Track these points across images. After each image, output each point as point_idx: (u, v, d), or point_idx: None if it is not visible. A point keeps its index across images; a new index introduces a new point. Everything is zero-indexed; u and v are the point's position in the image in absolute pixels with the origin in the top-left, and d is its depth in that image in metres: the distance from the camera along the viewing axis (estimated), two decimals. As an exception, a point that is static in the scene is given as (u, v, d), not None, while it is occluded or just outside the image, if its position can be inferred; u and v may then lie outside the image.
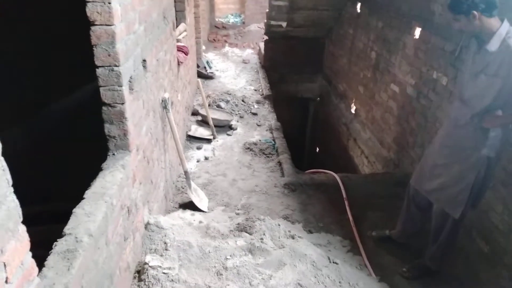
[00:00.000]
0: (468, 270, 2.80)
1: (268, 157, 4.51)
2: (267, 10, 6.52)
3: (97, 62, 1.83)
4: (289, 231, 2.71)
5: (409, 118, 4.00)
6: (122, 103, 1.93)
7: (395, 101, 4.35)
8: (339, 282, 2.33)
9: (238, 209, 3.36)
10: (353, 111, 5.81)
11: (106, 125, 1.98)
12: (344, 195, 3.65)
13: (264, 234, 2.53)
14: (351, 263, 2.78)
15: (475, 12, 2.04)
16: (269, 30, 6.99)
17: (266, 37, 7.36)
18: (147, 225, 2.38)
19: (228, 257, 2.28)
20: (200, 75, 6.75)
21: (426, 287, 2.66)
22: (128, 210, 2.01)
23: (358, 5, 5.49)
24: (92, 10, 1.72)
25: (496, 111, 2.18)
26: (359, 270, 2.71)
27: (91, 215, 1.61)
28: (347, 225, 3.29)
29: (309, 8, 6.15)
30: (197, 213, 3.04)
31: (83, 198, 1.72)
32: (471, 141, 2.27)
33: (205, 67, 7.05)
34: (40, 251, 1.48)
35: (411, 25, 3.95)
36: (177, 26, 4.37)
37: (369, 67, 5.13)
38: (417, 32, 3.82)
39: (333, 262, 2.51)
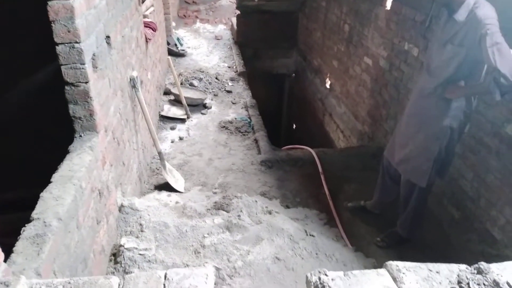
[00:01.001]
0: (440, 237, 2.91)
1: (244, 135, 4.48)
2: (238, -17, 6.34)
3: (56, 39, 1.73)
4: (266, 207, 2.73)
5: (382, 91, 4.03)
6: (86, 82, 1.83)
7: (368, 74, 4.37)
8: (316, 254, 2.37)
9: (215, 188, 3.34)
10: (328, 86, 5.82)
11: (71, 106, 1.89)
12: (320, 170, 3.69)
13: (241, 211, 2.53)
14: (328, 235, 2.83)
15: None
16: (241, 4, 6.82)
17: (238, 12, 7.18)
18: (121, 208, 2.33)
19: (206, 235, 2.27)
20: (171, 52, 6.55)
21: (400, 254, 2.74)
22: (100, 193, 1.95)
23: (330, -23, 5.41)
24: (46, -18, 1.61)
25: (459, 82, 2.21)
26: (335, 242, 2.77)
27: (59, 199, 1.56)
28: (324, 198, 3.34)
29: (281, -20, 6.01)
30: (173, 194, 3.00)
31: (50, 182, 1.66)
32: (435, 111, 2.30)
33: (175, 45, 6.84)
34: (11, 240, 1.43)
35: (383, -4, 3.93)
36: (143, 1, 4.18)
37: (343, 40, 5.10)
38: (389, 2, 3.80)
39: (310, 235, 2.55)
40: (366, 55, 4.40)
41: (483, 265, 1.01)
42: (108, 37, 2.23)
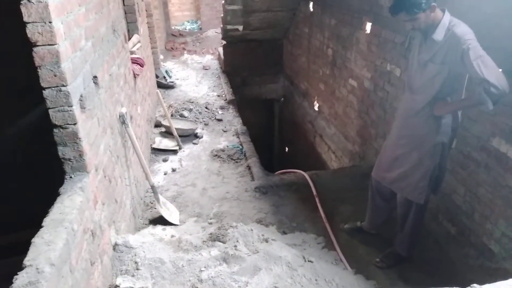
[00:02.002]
0: (438, 253, 2.90)
1: (236, 162, 4.49)
2: (222, 15, 6.51)
3: (43, 84, 1.75)
4: (263, 235, 2.71)
5: (369, 111, 4.10)
6: (74, 124, 1.84)
7: (354, 95, 4.45)
8: (315, 280, 2.34)
9: (211, 218, 3.32)
10: (316, 108, 5.90)
11: (60, 148, 1.89)
12: (315, 192, 3.69)
13: (237, 241, 2.51)
14: (327, 259, 2.81)
15: (434, 4, 2.11)
16: (226, 34, 6.98)
17: (224, 42, 7.34)
18: (115, 246, 2.30)
19: (203, 268, 2.24)
20: (160, 85, 6.63)
21: (400, 274, 2.72)
22: (92, 234, 1.93)
23: (311, 4, 5.59)
24: (32, 31, 1.64)
25: (445, 98, 2.27)
26: (334, 265, 2.74)
27: (51, 244, 1.54)
28: (320, 221, 3.33)
29: (263, 10, 6.19)
30: (168, 227, 2.97)
31: (41, 227, 1.64)
32: (425, 129, 2.35)
33: (164, 77, 6.94)
34: (4, 286, 1.40)
35: (362, 20, 4.06)
36: (129, 38, 4.27)
37: (327, 64, 5.22)
38: (368, 26, 3.92)
39: (308, 261, 2.52)
40: (350, 77, 4.50)
41: (475, 287, 1.01)
42: (95, 77, 2.26)
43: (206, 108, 6.02)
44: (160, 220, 3.17)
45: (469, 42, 2.04)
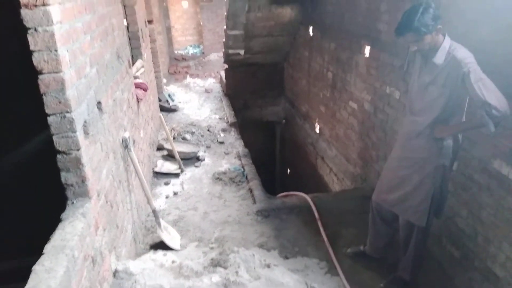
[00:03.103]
0: (443, 277, 2.85)
1: (238, 185, 4.48)
2: (224, 40, 6.64)
3: (47, 110, 1.78)
4: (265, 260, 2.68)
5: (369, 133, 4.12)
6: (78, 149, 1.87)
7: (355, 117, 4.49)
8: (319, 307, 2.30)
9: (212, 243, 3.29)
10: (317, 130, 5.93)
11: (63, 174, 1.91)
12: (317, 216, 3.67)
13: (239, 267, 2.48)
14: (330, 285, 2.76)
15: (440, 27, 2.15)
16: (228, 58, 7.10)
17: (226, 66, 7.46)
18: (115, 273, 2.28)
19: (204, 295, 2.21)
20: (163, 108, 6.71)
21: (405, 300, 2.67)
22: (93, 260, 1.92)
23: (311, 29, 5.70)
24: (38, 59, 1.69)
25: (445, 121, 2.29)
26: (338, 291, 2.70)
27: (51, 271, 1.53)
28: (323, 245, 3.29)
29: (264, 35, 6.32)
30: (169, 252, 2.94)
31: (42, 253, 1.64)
32: (426, 151, 2.36)
33: (167, 101, 7.02)
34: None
35: (360, 44, 4.13)
36: (133, 63, 4.35)
37: (327, 86, 5.29)
38: (367, 50, 3.99)
39: (311, 287, 2.48)
40: (351, 100, 4.54)
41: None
42: (99, 102, 2.30)
43: (208, 130, 6.07)
44: (161, 245, 3.14)
45: (470, 65, 2.07)
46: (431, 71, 2.27)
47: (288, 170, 8.01)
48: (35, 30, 1.65)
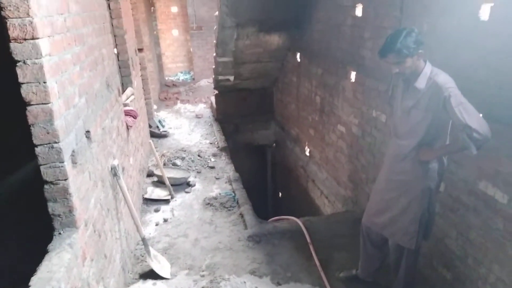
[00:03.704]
0: (436, 300, 2.83)
1: (229, 210, 4.46)
2: (214, 66, 6.75)
3: (35, 141, 1.78)
4: (256, 287, 2.64)
5: (358, 156, 4.17)
6: (65, 179, 1.86)
7: (343, 140, 4.54)
8: (312, 335, 2.26)
9: (203, 271, 3.24)
10: (307, 153, 5.97)
11: (50, 204, 1.89)
12: (309, 240, 3.65)
13: (230, 295, 2.44)
14: (323, 311, 2.72)
15: (422, 51, 2.22)
16: (218, 84, 7.20)
17: (216, 91, 7.55)
18: (103, 305, 2.22)
19: (194, 326, 2.16)
20: (153, 134, 6.72)
21: (398, 324, 2.64)
22: (80, 292, 1.88)
23: (298, 55, 5.84)
24: (27, 91, 1.70)
25: (430, 144, 2.34)
26: (331, 318, 2.66)
27: (37, 305, 1.50)
28: (316, 270, 3.27)
29: (253, 61, 6.44)
30: (159, 282, 2.89)
31: (28, 286, 1.60)
32: (412, 174, 2.40)
33: (157, 127, 7.04)
34: None
35: (346, 70, 4.24)
36: (123, 91, 4.39)
37: (316, 110, 5.37)
38: (353, 75, 4.10)
39: (303, 314, 2.45)
40: (339, 123, 4.61)
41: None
42: (88, 131, 2.31)
43: (198, 156, 6.07)
44: (150, 274, 3.09)
45: (450, 90, 2.14)
46: (413, 96, 2.33)
47: (280, 193, 7.99)
48: (24, 62, 1.67)
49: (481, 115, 2.07)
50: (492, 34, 2.29)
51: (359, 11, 3.83)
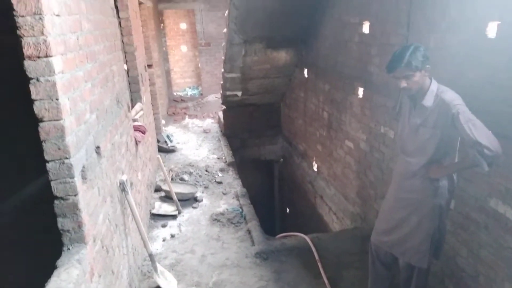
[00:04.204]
0: (447, 320, 2.77)
1: (236, 226, 4.43)
2: (222, 82, 6.82)
3: (46, 157, 1.81)
4: (263, 305, 2.60)
5: (366, 172, 4.15)
6: (75, 195, 1.88)
7: (351, 156, 4.53)
8: None
9: None
10: (315, 169, 5.95)
11: (59, 219, 1.90)
12: (317, 257, 3.61)
13: (237, 313, 2.41)
14: (331, 331, 2.67)
15: (429, 66, 2.23)
16: (225, 100, 7.26)
17: (224, 107, 7.61)
18: (109, 322, 2.21)
19: None
20: (161, 149, 6.76)
21: None
22: (87, 309, 1.87)
23: (305, 71, 5.89)
24: (40, 107, 1.73)
25: (439, 161, 2.32)
26: (340, 338, 2.61)
27: (44, 322, 1.50)
28: (324, 288, 3.22)
29: (261, 77, 6.51)
30: (165, 298, 2.87)
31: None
32: (422, 192, 2.37)
33: (165, 141, 7.09)
34: None
35: (354, 86, 4.26)
36: (133, 107, 4.45)
37: (323, 126, 5.37)
38: (360, 91, 4.11)
39: (312, 334, 2.40)
40: (347, 139, 4.61)
41: None
42: (98, 147, 2.34)
43: (206, 171, 6.08)
44: (157, 291, 3.07)
45: (458, 107, 2.13)
46: (421, 114, 2.33)
47: (288, 209, 7.94)
48: (37, 80, 1.71)
49: (490, 132, 2.06)
50: (499, 52, 2.30)
51: (366, 28, 3.87)
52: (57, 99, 1.75)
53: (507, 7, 2.23)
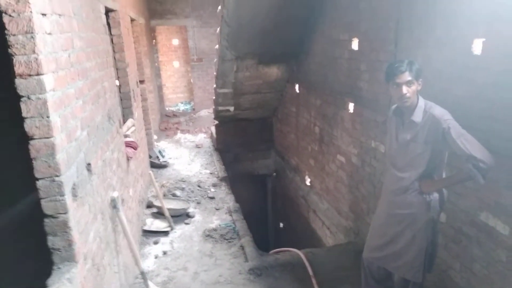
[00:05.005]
0: (442, 335, 2.75)
1: (229, 242, 4.40)
2: (214, 97, 6.85)
3: (37, 175, 1.80)
4: (257, 323, 2.57)
5: (358, 186, 4.16)
6: (65, 213, 1.86)
7: (343, 170, 4.55)
8: None
9: (202, 305, 3.16)
10: (308, 183, 5.96)
11: (50, 238, 1.88)
12: (311, 273, 3.59)
13: (230, 331, 2.37)
14: None
15: (421, 79, 2.30)
16: (218, 115, 7.28)
17: (216, 122, 7.62)
18: None
19: None
20: (153, 165, 6.72)
21: None
22: (76, 330, 1.83)
23: (297, 86, 5.95)
24: (30, 125, 1.73)
25: (430, 175, 2.35)
26: None
27: None
28: (317, 305, 3.19)
29: (253, 92, 6.55)
30: (157, 318, 2.82)
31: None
32: (415, 206, 2.38)
33: (157, 157, 7.05)
34: None
35: (344, 101, 4.31)
36: (124, 122, 4.44)
37: (315, 140, 5.41)
38: (351, 106, 4.16)
39: None
40: (338, 153, 4.63)
41: None
42: (89, 164, 2.32)
43: (198, 186, 6.05)
44: (149, 309, 3.01)
45: (449, 122, 2.17)
46: (410, 129, 2.35)
47: (281, 224, 7.89)
48: (28, 98, 1.71)
49: (481, 145, 2.09)
50: (485, 69, 2.35)
51: (355, 45, 3.94)
52: (48, 117, 1.74)
53: (491, 25, 2.29)
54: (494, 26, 2.28)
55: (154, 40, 11.15)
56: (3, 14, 1.62)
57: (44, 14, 1.77)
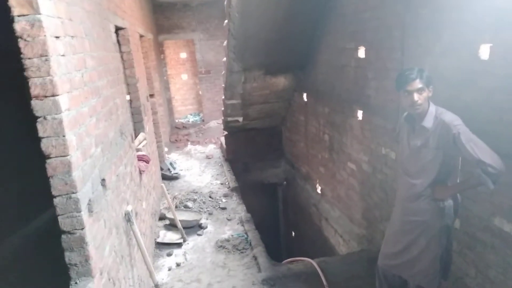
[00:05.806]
0: None
1: (242, 252, 4.41)
2: (223, 108, 6.92)
3: (54, 192, 1.84)
4: (272, 335, 2.57)
5: (370, 193, 4.15)
6: (82, 228, 1.90)
7: (354, 178, 4.54)
8: None
9: (217, 318, 3.16)
10: (319, 191, 5.95)
11: (67, 253, 1.92)
12: (325, 282, 3.57)
13: None
14: None
15: (431, 86, 2.32)
16: (227, 125, 7.33)
17: (226, 132, 7.68)
18: None
19: None
20: (165, 177, 6.79)
21: None
22: None
23: (304, 95, 5.98)
24: (47, 144, 1.78)
25: (444, 182, 2.34)
26: None
27: None
28: (333, 315, 3.17)
29: (261, 102, 6.60)
30: (172, 330, 2.83)
31: None
32: (429, 213, 2.37)
33: (169, 169, 7.12)
34: None
35: (353, 108, 4.32)
36: (136, 136, 4.51)
37: (325, 148, 5.41)
38: (360, 114, 4.17)
39: None
40: (349, 161, 4.63)
41: None
42: (103, 180, 2.37)
43: (210, 197, 6.08)
44: (164, 322, 3.03)
45: (459, 127, 2.18)
46: (421, 135, 2.36)
47: (293, 233, 7.86)
48: (45, 118, 1.77)
49: (492, 150, 2.09)
50: (493, 73, 2.35)
51: (361, 53, 3.96)
52: (63, 136, 1.80)
53: (497, 30, 2.30)
54: (500, 32, 2.28)
55: (162, 55, 11.32)
56: (19, 39, 1.69)
57: (57, 37, 1.84)
